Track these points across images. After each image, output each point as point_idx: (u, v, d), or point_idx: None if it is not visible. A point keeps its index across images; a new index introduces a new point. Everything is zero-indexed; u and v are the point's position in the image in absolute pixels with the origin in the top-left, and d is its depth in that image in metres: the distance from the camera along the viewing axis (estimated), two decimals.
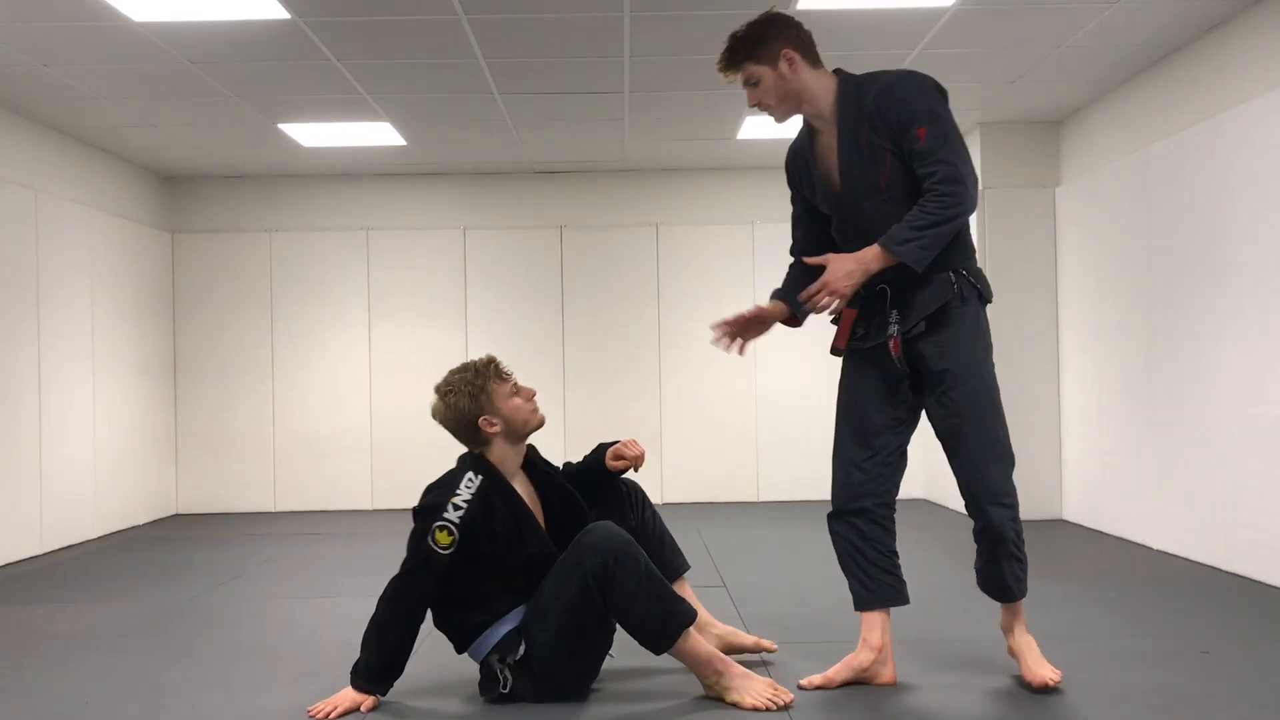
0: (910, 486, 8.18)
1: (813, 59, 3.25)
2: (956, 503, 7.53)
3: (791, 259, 3.54)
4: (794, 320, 3.48)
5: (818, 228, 3.46)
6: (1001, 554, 3.22)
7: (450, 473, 3.32)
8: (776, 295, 3.49)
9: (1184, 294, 5.54)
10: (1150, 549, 5.87)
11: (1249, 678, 3.42)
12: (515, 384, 3.37)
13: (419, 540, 3.19)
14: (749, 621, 4.29)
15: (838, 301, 3.15)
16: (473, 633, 3.25)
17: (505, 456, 3.33)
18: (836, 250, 3.30)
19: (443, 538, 3.15)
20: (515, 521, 3.23)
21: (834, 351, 3.41)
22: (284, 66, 5.69)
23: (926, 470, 8.30)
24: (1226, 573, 5.14)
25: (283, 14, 4.89)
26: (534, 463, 3.46)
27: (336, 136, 7.26)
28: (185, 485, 8.52)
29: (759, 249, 8.52)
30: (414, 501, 3.28)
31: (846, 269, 3.10)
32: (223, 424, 8.53)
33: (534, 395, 3.40)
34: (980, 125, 7.23)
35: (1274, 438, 4.79)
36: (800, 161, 3.42)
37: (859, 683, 3.35)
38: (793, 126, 3.50)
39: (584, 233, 8.62)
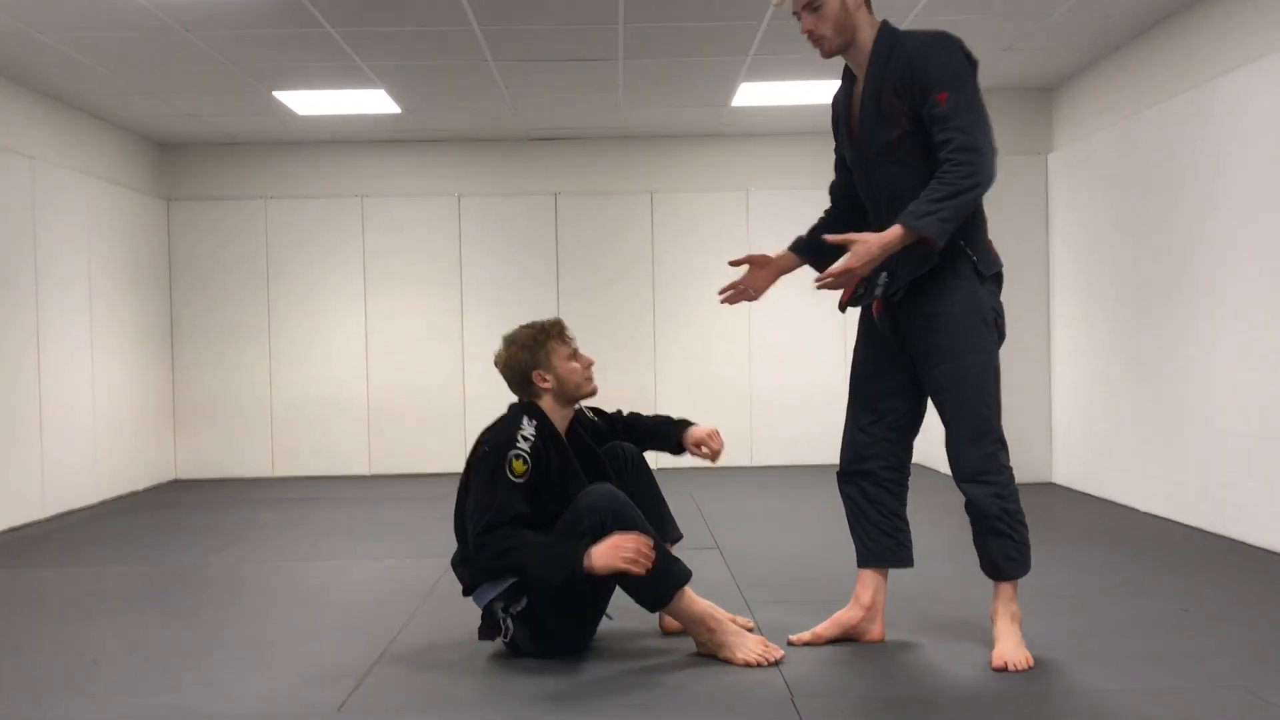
0: None
1: (869, 2, 3.22)
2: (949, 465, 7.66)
3: (829, 197, 3.57)
4: (816, 265, 3.48)
5: (848, 175, 3.45)
6: (985, 529, 3.20)
7: (504, 418, 3.44)
8: (794, 246, 3.54)
9: (1173, 262, 5.60)
10: (1138, 511, 5.96)
11: (1226, 635, 3.51)
12: (575, 349, 3.53)
13: (491, 480, 3.24)
14: (740, 582, 4.38)
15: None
16: (481, 575, 3.32)
17: (554, 414, 3.46)
18: (860, 201, 3.37)
19: (519, 466, 3.26)
20: (562, 469, 3.36)
21: (841, 308, 3.43)
22: (279, 34, 5.70)
23: (921, 435, 8.39)
24: (1211, 534, 5.24)
25: None
26: (577, 430, 3.56)
27: (331, 104, 7.28)
28: (184, 451, 8.59)
29: (754, 216, 8.56)
30: (412, 466, 3.35)
31: (870, 253, 3.01)
32: (220, 390, 8.59)
33: (591, 364, 3.55)
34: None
35: (1258, 403, 4.87)
36: (839, 108, 3.40)
37: (847, 639, 3.45)
38: (783, 94, 3.51)
39: (579, 200, 8.65)
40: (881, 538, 3.44)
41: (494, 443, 3.33)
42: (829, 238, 3.20)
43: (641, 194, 8.64)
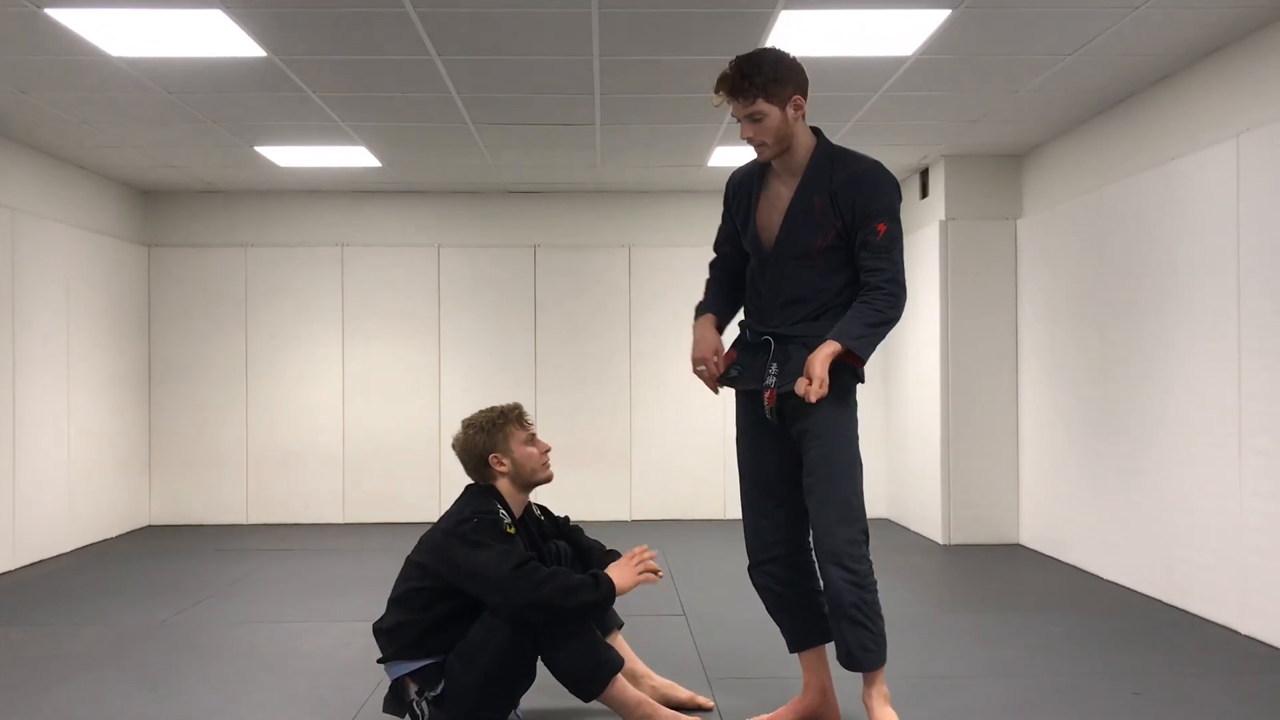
0: (873, 506, 8.41)
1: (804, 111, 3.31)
2: (918, 523, 7.77)
3: (715, 253, 3.59)
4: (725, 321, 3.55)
5: (742, 251, 3.48)
6: (841, 616, 3.22)
7: (468, 498, 3.49)
8: (708, 309, 3.51)
9: (1133, 333, 5.72)
10: (1100, 579, 6.05)
11: None
12: (533, 434, 3.56)
13: (496, 533, 3.31)
14: (704, 655, 4.44)
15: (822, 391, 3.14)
16: (406, 649, 3.34)
17: (511, 498, 3.51)
18: (744, 276, 3.46)
19: (510, 530, 3.36)
20: (529, 548, 3.42)
21: (714, 389, 3.44)
22: (261, 97, 5.79)
23: (889, 491, 8.49)
24: (1170, 606, 5.33)
25: (259, 52, 5.00)
26: (526, 521, 3.59)
27: (312, 158, 7.37)
28: (158, 497, 8.61)
29: None
30: (386, 515, 3.40)
31: (817, 375, 3.07)
32: (196, 437, 8.62)
33: (548, 450, 3.58)
34: (945, 158, 7.40)
35: (1214, 475, 4.98)
36: (744, 194, 3.44)
37: None
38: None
39: (557, 252, 8.75)
40: (809, 619, 3.47)
41: (478, 511, 3.38)
42: (783, 389, 3.26)
43: (619, 247, 8.75)
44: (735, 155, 7.24)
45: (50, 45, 4.92)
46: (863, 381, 3.36)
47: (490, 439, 3.49)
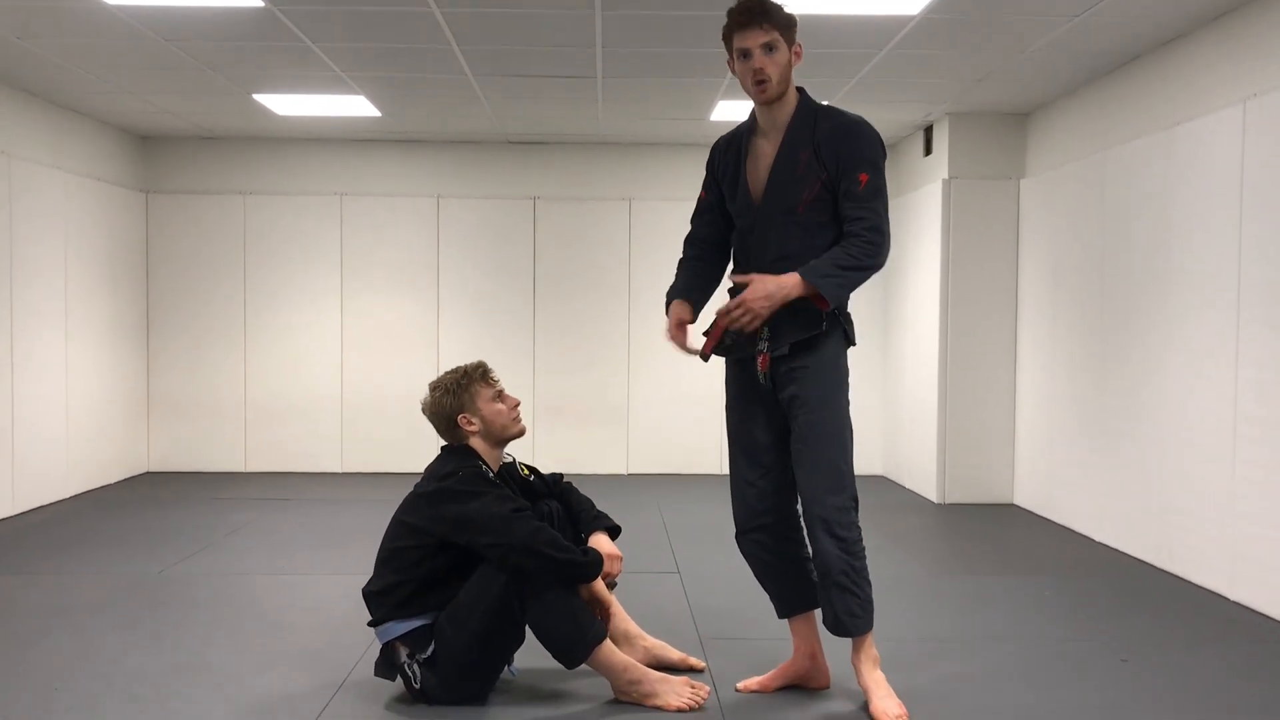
0: (869, 463, 8.45)
1: None
2: (913, 481, 7.80)
3: (687, 246, 3.58)
4: (691, 319, 3.51)
5: (720, 224, 3.53)
6: (830, 584, 3.27)
7: (448, 457, 3.51)
8: (679, 294, 3.50)
9: (1133, 298, 5.70)
10: (1092, 540, 6.08)
11: (1162, 689, 3.63)
12: (500, 391, 3.57)
13: (487, 483, 3.36)
14: (697, 614, 4.47)
15: (755, 320, 3.18)
16: (397, 610, 3.36)
17: (486, 455, 3.53)
18: (726, 251, 3.48)
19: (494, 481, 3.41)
20: None
21: (702, 357, 3.41)
22: (259, 46, 5.73)
23: (885, 448, 8.51)
24: (1160, 570, 5.36)
25: (257, 1, 4.93)
26: (504, 478, 3.60)
27: (311, 107, 7.30)
28: (157, 444, 8.63)
29: None
30: (383, 465, 3.42)
31: (766, 290, 3.15)
32: (195, 384, 8.63)
33: (517, 405, 3.60)
34: (949, 115, 7.33)
35: (1207, 441, 4.99)
36: (731, 156, 3.47)
37: (795, 686, 3.54)
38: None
39: (557, 204, 8.70)
40: (797, 584, 3.50)
41: (461, 466, 3.41)
42: (735, 277, 3.31)
43: (620, 201, 8.70)
44: (739, 109, 7.17)
45: None
46: (854, 344, 3.38)
47: (457, 400, 3.50)
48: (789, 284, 3.17)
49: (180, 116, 7.69)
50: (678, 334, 3.43)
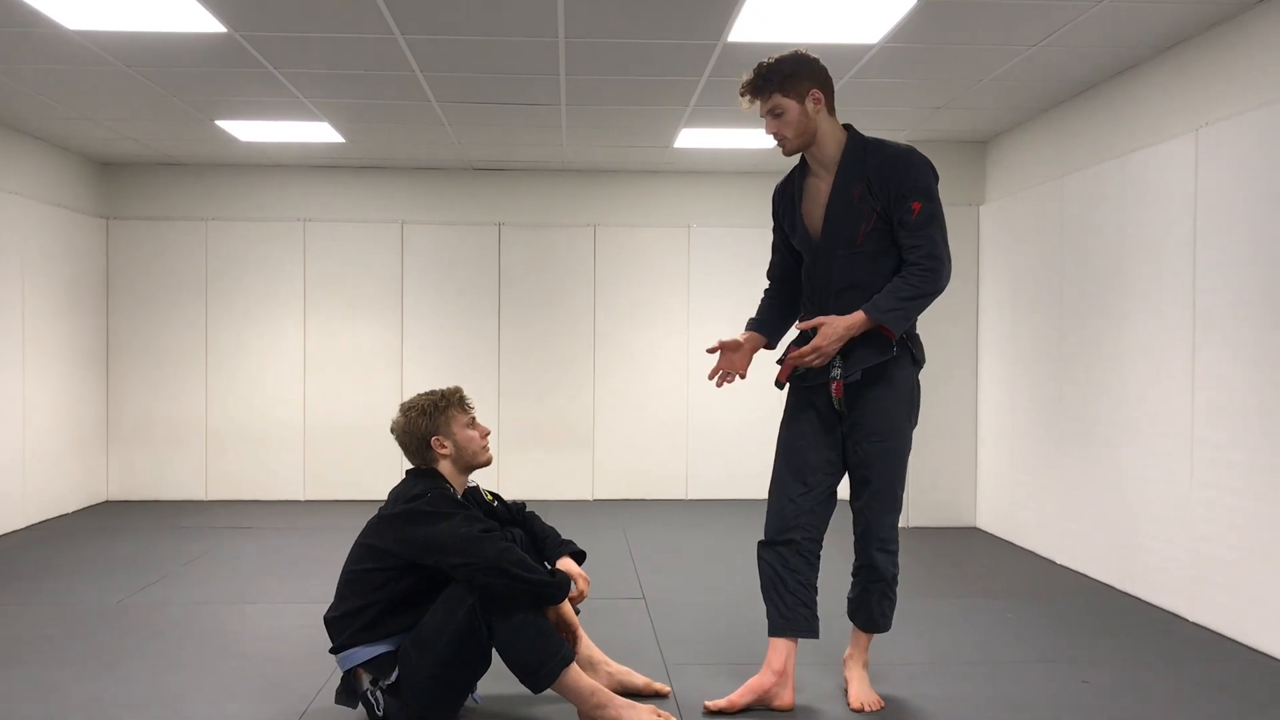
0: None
1: (831, 105, 3.51)
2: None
3: (768, 280, 3.84)
4: (769, 345, 3.84)
5: (790, 260, 3.75)
6: (875, 590, 3.63)
7: (415, 480, 3.51)
8: (754, 327, 3.79)
9: (1091, 322, 5.78)
10: (1054, 564, 6.13)
11: (1122, 710, 3.65)
12: (473, 418, 3.61)
13: (455, 505, 3.38)
14: (663, 640, 4.46)
15: (826, 360, 3.43)
16: (359, 634, 3.33)
17: (453, 480, 3.55)
18: (799, 283, 3.68)
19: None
20: None
21: (777, 385, 3.65)
22: (222, 72, 5.72)
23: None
24: (1121, 592, 5.41)
25: (219, 27, 4.93)
26: (472, 500, 3.63)
27: (274, 133, 7.28)
28: (116, 473, 8.53)
29: (695, 252, 8.67)
30: (346, 493, 3.42)
31: (837, 334, 3.38)
32: (155, 412, 8.54)
33: (488, 434, 3.64)
34: (909, 143, 7.40)
35: (1166, 464, 5.05)
36: (787, 197, 3.68)
37: (760, 705, 3.55)
38: (724, 139, 3.69)
39: (522, 231, 8.71)
40: (798, 607, 3.59)
41: (430, 488, 3.41)
42: (802, 324, 3.54)
43: (584, 227, 8.72)
44: (702, 138, 7.22)
45: (4, 17, 4.83)
46: (921, 364, 3.57)
47: (432, 422, 3.52)
48: (856, 324, 3.38)
49: (142, 143, 7.64)
50: (726, 346, 3.68)
